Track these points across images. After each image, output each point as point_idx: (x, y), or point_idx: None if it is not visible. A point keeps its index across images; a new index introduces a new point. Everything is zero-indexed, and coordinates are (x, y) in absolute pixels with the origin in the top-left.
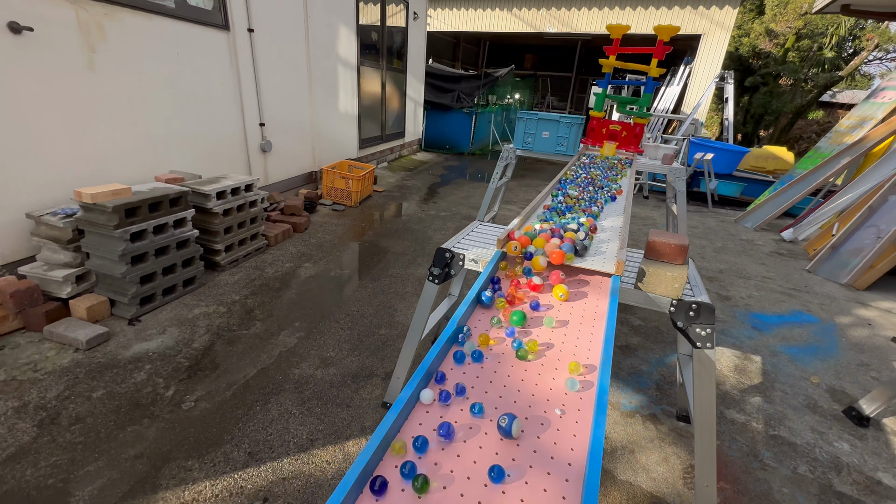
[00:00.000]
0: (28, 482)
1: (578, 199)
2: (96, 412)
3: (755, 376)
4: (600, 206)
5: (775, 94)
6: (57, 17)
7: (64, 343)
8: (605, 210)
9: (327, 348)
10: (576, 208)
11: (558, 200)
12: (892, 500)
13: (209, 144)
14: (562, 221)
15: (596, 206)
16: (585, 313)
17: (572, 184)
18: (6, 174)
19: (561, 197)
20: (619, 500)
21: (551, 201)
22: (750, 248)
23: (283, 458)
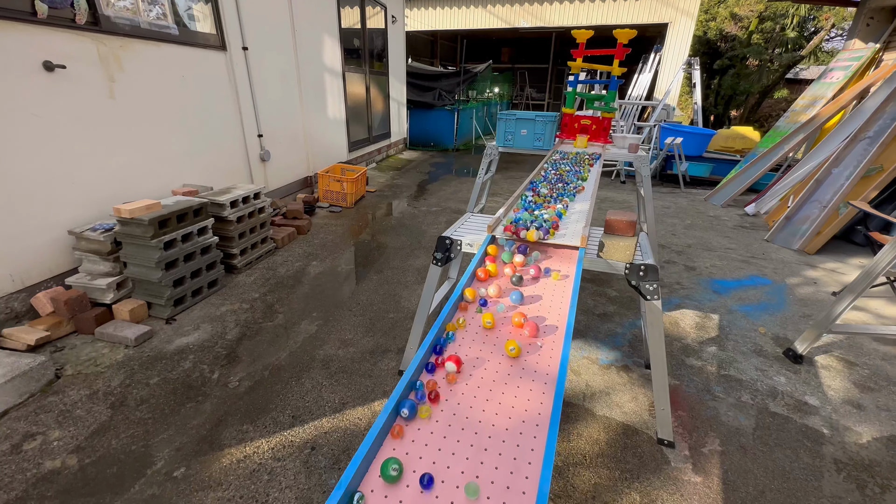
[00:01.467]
0: (115, 449)
1: (547, 197)
2: (156, 394)
3: (712, 331)
4: (565, 204)
5: (743, 76)
6: (82, 53)
7: (114, 342)
8: (575, 198)
9: (344, 332)
10: (544, 206)
11: (529, 200)
12: (814, 416)
13: (215, 157)
14: (529, 218)
15: (561, 203)
16: (559, 276)
17: (544, 181)
18: (50, 196)
19: (531, 196)
20: (597, 430)
21: (522, 202)
22: (716, 224)
23: (322, 419)
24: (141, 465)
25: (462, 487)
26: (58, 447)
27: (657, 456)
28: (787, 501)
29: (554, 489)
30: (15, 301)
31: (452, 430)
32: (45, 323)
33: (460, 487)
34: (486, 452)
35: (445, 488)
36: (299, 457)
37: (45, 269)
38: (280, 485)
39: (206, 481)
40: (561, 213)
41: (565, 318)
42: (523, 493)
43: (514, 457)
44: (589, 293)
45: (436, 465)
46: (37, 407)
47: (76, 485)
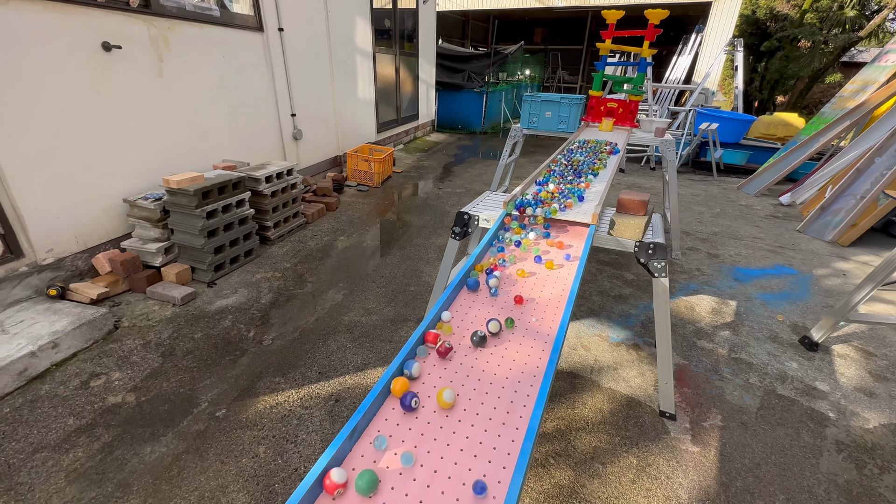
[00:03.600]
0: (166, 390)
1: (553, 195)
2: (200, 347)
3: (728, 316)
4: (561, 206)
5: (792, 58)
6: (135, 34)
7: (163, 300)
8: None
9: (368, 302)
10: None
11: (532, 194)
12: (822, 400)
13: (251, 135)
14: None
15: (565, 206)
16: (570, 251)
17: (555, 174)
18: (109, 167)
19: (540, 189)
20: (602, 400)
21: (528, 197)
22: (747, 213)
23: (345, 375)
24: (188, 405)
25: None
26: (118, 386)
27: (658, 427)
28: (782, 474)
29: (555, 449)
30: (79, 260)
31: (458, 376)
32: (104, 281)
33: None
34: (486, 395)
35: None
36: (324, 406)
37: (104, 232)
38: (307, 428)
39: (244, 422)
40: (578, 192)
41: (569, 287)
42: (516, 429)
43: (511, 400)
44: (606, 276)
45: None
46: (100, 352)
47: (134, 417)
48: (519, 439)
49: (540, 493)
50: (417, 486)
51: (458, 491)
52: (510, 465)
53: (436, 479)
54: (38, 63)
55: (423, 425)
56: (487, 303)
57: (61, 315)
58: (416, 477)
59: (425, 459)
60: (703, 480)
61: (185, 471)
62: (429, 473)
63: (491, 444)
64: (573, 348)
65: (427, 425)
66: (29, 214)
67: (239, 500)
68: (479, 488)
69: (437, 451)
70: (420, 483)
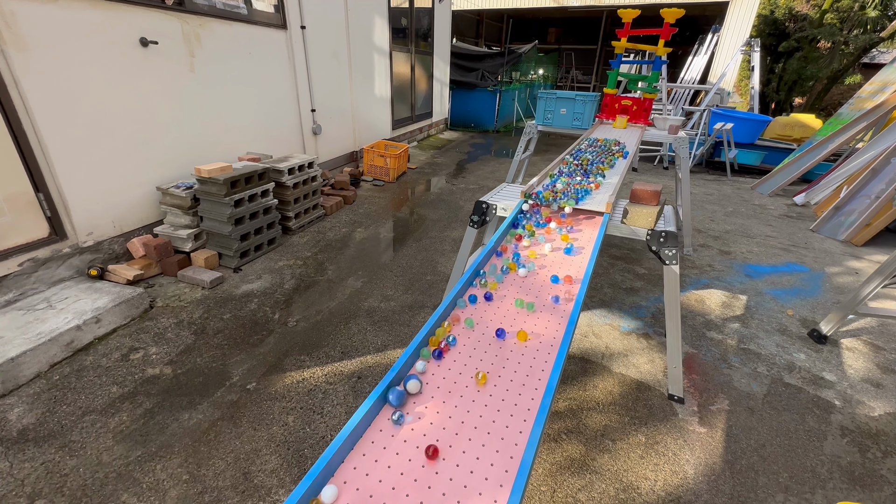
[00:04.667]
0: (200, 365)
1: (559, 194)
2: (229, 327)
3: (738, 310)
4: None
5: (811, 59)
6: (169, 31)
7: (193, 283)
8: (613, 167)
9: (386, 289)
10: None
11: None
12: (828, 389)
13: (273, 129)
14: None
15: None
16: (584, 237)
17: (564, 175)
18: (144, 156)
19: (548, 187)
20: (612, 384)
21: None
22: (760, 212)
23: (367, 355)
24: (221, 378)
25: (479, 378)
26: (156, 359)
27: (666, 409)
28: (786, 455)
29: (567, 426)
30: (115, 244)
31: (481, 343)
32: (138, 264)
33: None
34: (508, 360)
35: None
36: (348, 382)
37: (138, 218)
38: (332, 402)
39: (273, 394)
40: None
41: (583, 269)
42: (535, 389)
43: (530, 365)
44: (618, 269)
45: (470, 360)
46: (137, 328)
47: (172, 387)
48: (538, 396)
49: (552, 465)
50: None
51: None
52: (530, 418)
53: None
54: (83, 57)
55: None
56: (515, 284)
57: (102, 293)
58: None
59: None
60: (709, 458)
61: (221, 435)
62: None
63: (512, 400)
64: (585, 336)
65: (454, 385)
66: (72, 199)
67: (271, 463)
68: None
69: (472, 413)
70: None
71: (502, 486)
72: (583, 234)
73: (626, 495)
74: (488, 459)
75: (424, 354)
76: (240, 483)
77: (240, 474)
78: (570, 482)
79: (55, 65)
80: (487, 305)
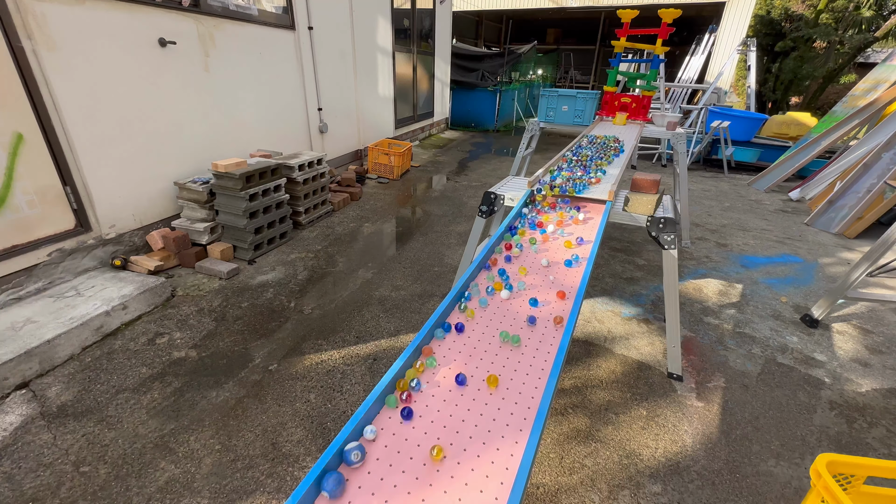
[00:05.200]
0: (222, 348)
1: (556, 189)
2: (248, 314)
3: (734, 297)
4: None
5: (806, 59)
6: (186, 31)
7: (210, 274)
8: (611, 163)
9: (396, 280)
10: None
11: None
12: (819, 368)
13: (282, 127)
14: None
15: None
16: (588, 225)
17: (565, 170)
18: (162, 152)
19: (548, 182)
20: (615, 364)
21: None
22: (756, 207)
23: (380, 339)
24: (243, 360)
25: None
26: (181, 343)
27: (666, 386)
28: (777, 426)
29: (573, 402)
30: (135, 236)
31: (493, 322)
32: (158, 255)
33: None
34: (521, 330)
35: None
36: (364, 364)
37: (156, 212)
38: (350, 381)
39: (294, 374)
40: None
41: (588, 250)
42: (542, 370)
43: (539, 341)
44: (618, 261)
45: (485, 334)
46: (161, 315)
47: (198, 368)
48: (551, 359)
49: (560, 435)
50: None
51: None
52: (544, 378)
53: None
54: (107, 56)
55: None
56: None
57: (126, 282)
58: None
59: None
60: (706, 429)
61: (248, 411)
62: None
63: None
64: (588, 321)
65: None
66: (96, 192)
67: (297, 434)
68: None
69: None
70: None
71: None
72: (586, 227)
73: (629, 461)
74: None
75: (390, 403)
76: (269, 452)
77: (268, 444)
78: (577, 450)
79: (81, 64)
80: (457, 338)
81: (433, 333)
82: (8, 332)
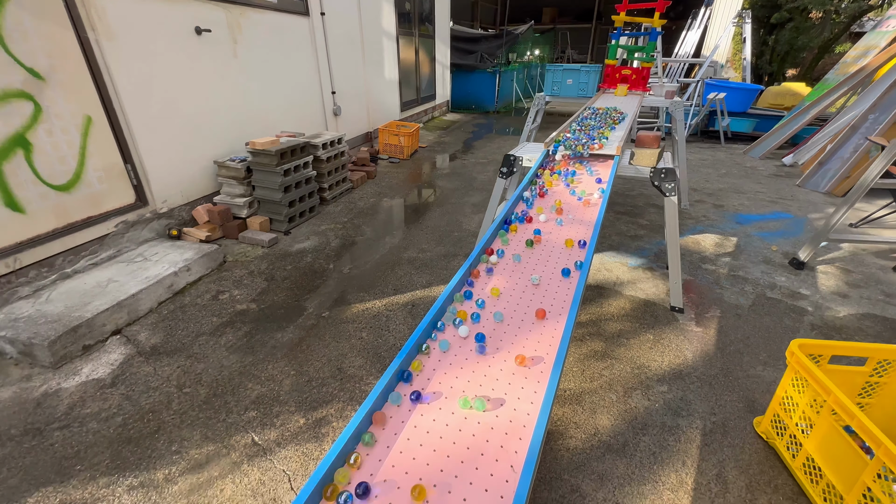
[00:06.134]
0: (277, 302)
1: (558, 163)
2: (293, 275)
3: (729, 248)
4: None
5: (802, 29)
6: (217, 19)
7: (253, 243)
8: (616, 126)
9: (421, 244)
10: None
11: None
12: (803, 300)
13: (301, 109)
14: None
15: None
16: (600, 176)
17: (573, 138)
18: (201, 133)
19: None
20: (624, 302)
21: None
22: (751, 173)
23: (415, 290)
24: (298, 310)
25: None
26: (240, 298)
27: (669, 317)
28: (765, 343)
29: (589, 331)
30: (183, 211)
31: (515, 273)
32: (205, 228)
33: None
34: (547, 262)
35: None
36: (405, 309)
37: (199, 189)
38: (395, 322)
39: (345, 319)
40: None
41: (599, 200)
42: (559, 315)
43: (556, 291)
44: (623, 222)
45: (509, 281)
46: (217, 277)
47: (260, 317)
48: (574, 283)
49: (579, 356)
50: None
51: None
52: (568, 300)
53: None
54: (154, 44)
55: None
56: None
57: (185, 249)
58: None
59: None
60: (704, 347)
61: (312, 346)
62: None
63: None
64: (598, 270)
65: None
66: (151, 170)
67: (357, 361)
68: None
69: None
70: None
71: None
72: (600, 174)
73: (640, 371)
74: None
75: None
76: (336, 374)
77: (335, 369)
78: (595, 365)
79: (135, 51)
80: (415, 408)
81: (479, 259)
82: (97, 289)
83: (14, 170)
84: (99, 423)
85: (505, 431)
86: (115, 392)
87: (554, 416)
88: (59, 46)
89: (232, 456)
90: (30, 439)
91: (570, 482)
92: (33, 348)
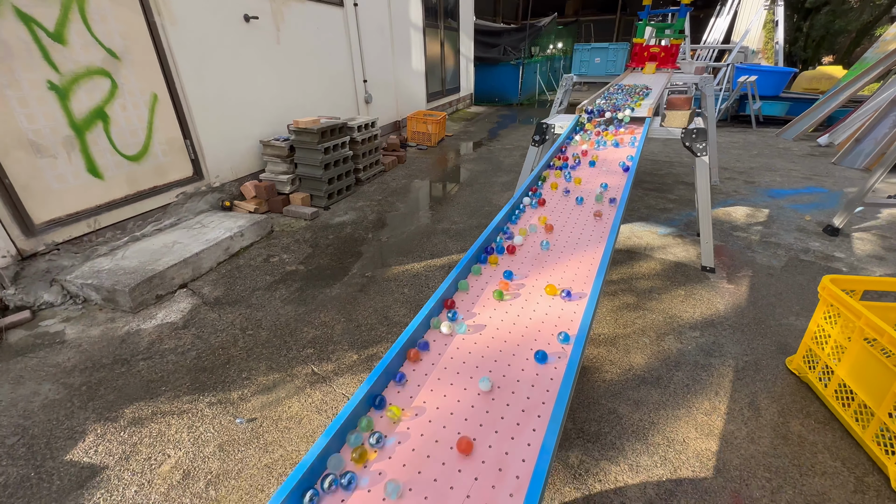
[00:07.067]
0: (323, 265)
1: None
2: (335, 243)
3: (761, 218)
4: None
5: (839, 13)
6: (263, 7)
7: (296, 216)
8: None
9: (453, 216)
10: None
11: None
12: (838, 262)
13: (335, 96)
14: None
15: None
16: (629, 137)
17: (595, 114)
18: (249, 114)
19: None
20: (655, 264)
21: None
22: (785, 153)
23: (450, 256)
24: (344, 271)
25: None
26: (290, 261)
27: (700, 276)
28: (798, 297)
29: (621, 287)
30: (232, 186)
31: (533, 250)
32: (252, 202)
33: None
34: (574, 227)
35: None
36: (441, 270)
37: (246, 166)
38: (434, 280)
39: (388, 278)
40: None
41: (629, 165)
42: (584, 282)
43: (593, 227)
44: (652, 197)
45: (529, 254)
46: (267, 244)
47: (310, 276)
48: (602, 242)
49: (612, 308)
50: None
51: None
52: (594, 265)
53: None
54: (209, 30)
55: None
56: None
57: (237, 218)
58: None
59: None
60: (736, 301)
61: (358, 300)
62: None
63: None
64: (628, 238)
65: None
66: (207, 147)
67: (401, 311)
68: (566, 294)
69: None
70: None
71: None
72: (629, 143)
73: (672, 319)
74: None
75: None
76: (383, 321)
77: (381, 317)
78: (628, 315)
79: (193, 36)
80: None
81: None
82: (164, 249)
83: (95, 139)
84: (176, 356)
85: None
86: (187, 333)
87: (588, 355)
88: (132, 29)
89: (296, 382)
90: (119, 367)
91: (607, 405)
92: (115, 294)
